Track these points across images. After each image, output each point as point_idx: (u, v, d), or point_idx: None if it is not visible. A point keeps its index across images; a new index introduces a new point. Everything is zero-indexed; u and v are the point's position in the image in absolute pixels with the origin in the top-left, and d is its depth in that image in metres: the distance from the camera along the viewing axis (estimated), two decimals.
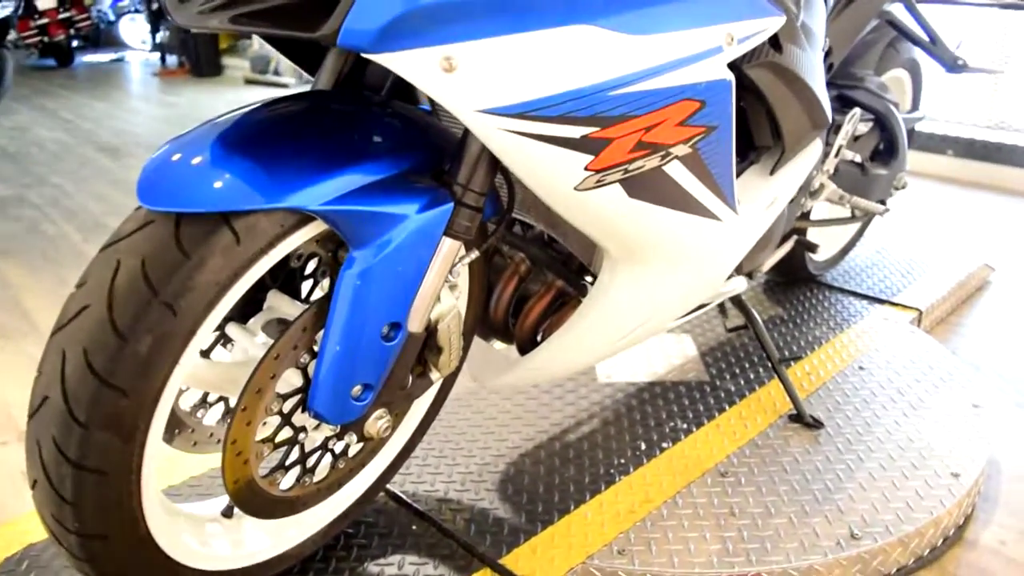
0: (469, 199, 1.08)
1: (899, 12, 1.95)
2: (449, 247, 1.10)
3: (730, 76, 1.09)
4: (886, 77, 2.20)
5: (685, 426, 1.75)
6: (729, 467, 1.61)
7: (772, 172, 1.38)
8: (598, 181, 1.03)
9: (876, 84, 1.98)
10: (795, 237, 1.83)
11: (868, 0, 1.74)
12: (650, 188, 1.11)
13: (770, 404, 1.82)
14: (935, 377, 1.94)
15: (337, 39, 0.82)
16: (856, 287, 2.44)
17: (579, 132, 0.96)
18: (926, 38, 1.98)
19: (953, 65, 2.00)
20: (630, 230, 1.17)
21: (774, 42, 1.22)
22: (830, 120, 1.41)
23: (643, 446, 1.68)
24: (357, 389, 1.11)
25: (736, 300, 1.81)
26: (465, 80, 0.86)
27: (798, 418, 1.75)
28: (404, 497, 1.52)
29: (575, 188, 1.02)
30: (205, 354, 1.25)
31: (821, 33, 1.42)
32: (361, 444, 1.25)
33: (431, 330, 1.19)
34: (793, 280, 2.44)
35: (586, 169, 1.00)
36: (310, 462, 1.22)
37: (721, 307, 1.91)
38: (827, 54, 1.70)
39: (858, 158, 2.00)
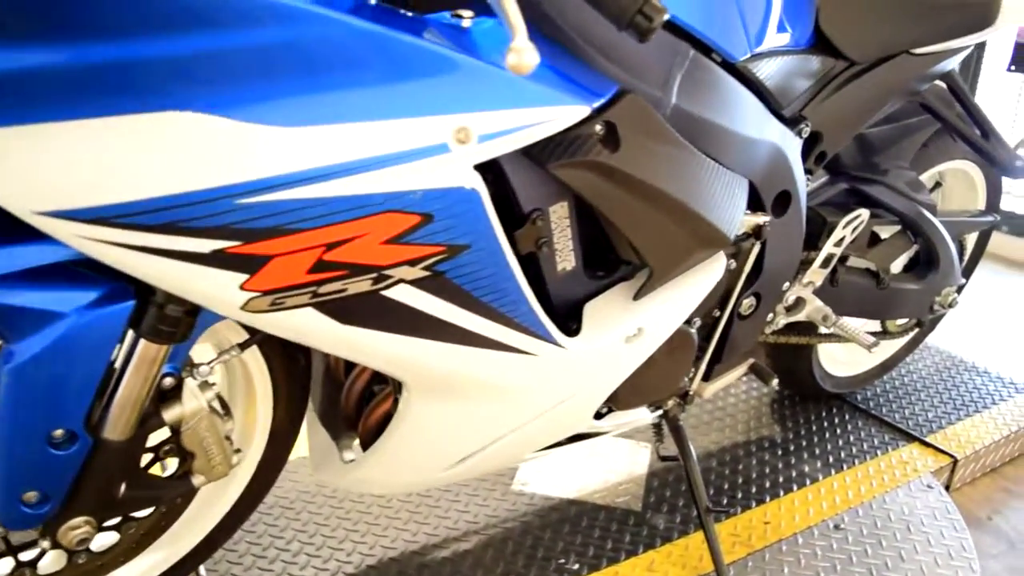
0: (173, 301, 0.88)
1: (944, 94, 1.55)
2: (155, 351, 0.92)
3: (473, 184, 0.83)
4: (946, 168, 1.77)
5: (576, 567, 1.46)
6: None
7: (637, 297, 1.08)
8: (274, 303, 0.81)
9: (906, 180, 1.58)
10: (751, 360, 1.48)
11: (880, 77, 1.37)
12: (375, 315, 0.86)
13: (694, 558, 1.49)
14: (930, 557, 1.52)
15: None
16: (886, 413, 1.98)
17: (207, 246, 0.74)
18: (974, 131, 1.56)
19: (1010, 167, 1.56)
20: (372, 360, 0.93)
21: (609, 136, 0.93)
22: (730, 238, 1.09)
23: None
24: (31, 496, 0.95)
25: (673, 425, 1.50)
26: (6, 174, 0.67)
27: None
28: None
29: (242, 308, 0.81)
30: None
31: (735, 123, 1.10)
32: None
33: (176, 431, 1.03)
34: (809, 395, 2.02)
35: (244, 289, 0.78)
36: (25, 556, 1.08)
37: (657, 429, 1.59)
38: (813, 140, 1.36)
39: (872, 267, 1.61)
